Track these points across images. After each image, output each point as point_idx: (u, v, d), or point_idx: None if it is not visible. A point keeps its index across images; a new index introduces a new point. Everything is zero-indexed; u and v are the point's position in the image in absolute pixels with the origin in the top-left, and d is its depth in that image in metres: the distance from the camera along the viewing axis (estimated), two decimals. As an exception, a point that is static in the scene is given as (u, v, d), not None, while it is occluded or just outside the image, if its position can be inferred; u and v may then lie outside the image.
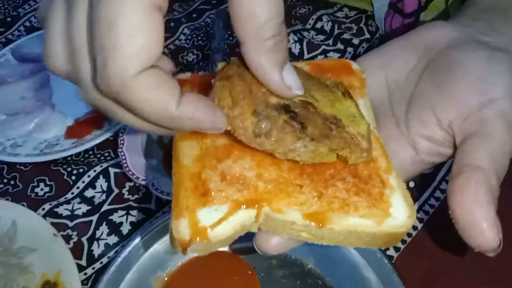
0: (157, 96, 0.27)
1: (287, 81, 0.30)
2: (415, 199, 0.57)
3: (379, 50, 0.41)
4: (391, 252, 0.53)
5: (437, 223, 0.55)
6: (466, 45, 0.38)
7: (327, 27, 0.78)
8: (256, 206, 0.31)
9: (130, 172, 0.54)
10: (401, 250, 0.53)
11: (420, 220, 0.55)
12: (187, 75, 0.39)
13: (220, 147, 0.34)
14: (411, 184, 0.58)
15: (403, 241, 0.54)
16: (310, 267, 0.52)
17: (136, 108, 0.28)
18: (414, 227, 0.55)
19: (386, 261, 0.48)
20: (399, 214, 0.32)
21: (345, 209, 0.31)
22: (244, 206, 0.31)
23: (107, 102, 0.29)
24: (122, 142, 0.57)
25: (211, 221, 0.30)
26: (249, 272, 0.52)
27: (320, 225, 0.31)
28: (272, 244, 0.34)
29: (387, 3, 0.73)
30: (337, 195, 0.32)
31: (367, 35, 0.77)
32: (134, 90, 0.27)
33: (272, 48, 0.29)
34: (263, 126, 0.30)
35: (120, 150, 0.56)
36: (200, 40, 0.78)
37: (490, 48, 0.37)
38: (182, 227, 0.30)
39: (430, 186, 0.58)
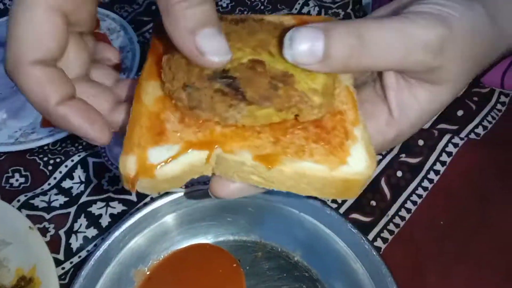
0: (40, 89, 0.30)
1: (202, 47, 0.29)
2: (402, 188, 0.56)
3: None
4: (379, 243, 0.52)
5: (425, 213, 0.55)
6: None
7: (314, 12, 0.76)
8: (208, 147, 0.31)
9: (110, 162, 0.52)
10: (389, 241, 0.52)
11: (407, 210, 0.55)
12: None
13: None
14: (399, 173, 0.57)
15: (391, 232, 0.53)
16: (297, 259, 0.50)
17: (24, 94, 0.31)
18: (402, 217, 0.54)
19: (374, 253, 0.47)
20: (357, 163, 0.30)
21: (299, 154, 0.31)
22: (196, 147, 0.31)
23: None
24: (101, 130, 0.54)
25: (160, 159, 0.30)
26: (234, 265, 0.50)
27: (270, 166, 0.30)
28: (227, 189, 0.33)
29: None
30: (295, 141, 0.31)
31: (354, 21, 0.75)
32: (22, 78, 0.30)
33: (180, 14, 0.29)
34: (193, 98, 0.30)
35: (98, 139, 0.54)
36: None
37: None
38: (129, 163, 0.30)
39: (417, 176, 0.57)
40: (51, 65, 0.31)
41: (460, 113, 0.62)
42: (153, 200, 0.53)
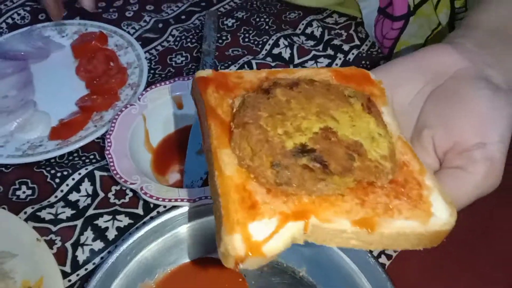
0: None
1: None
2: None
3: (385, 68, 0.42)
4: (383, 260, 0.53)
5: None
6: (472, 80, 0.39)
7: (317, 33, 0.78)
8: (304, 217, 0.31)
9: (118, 176, 0.52)
10: (393, 257, 0.53)
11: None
12: (207, 72, 0.38)
13: None
14: (402, 191, 0.58)
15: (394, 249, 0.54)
16: (302, 274, 0.51)
17: None
18: (405, 235, 0.55)
19: (380, 269, 0.47)
20: (441, 212, 0.33)
21: (390, 213, 0.32)
22: (293, 218, 0.31)
23: None
24: (109, 144, 0.55)
25: (263, 235, 0.30)
26: (240, 279, 0.50)
27: (370, 230, 0.31)
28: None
29: (375, 9, 0.73)
30: (379, 201, 0.32)
31: (357, 42, 0.77)
32: None
33: None
34: (282, 176, 0.31)
35: (107, 152, 0.54)
36: (189, 42, 0.77)
37: (494, 87, 0.39)
38: (237, 243, 0.29)
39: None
40: None
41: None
42: (159, 214, 0.54)
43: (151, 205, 0.56)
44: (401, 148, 0.35)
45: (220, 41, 0.77)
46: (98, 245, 0.54)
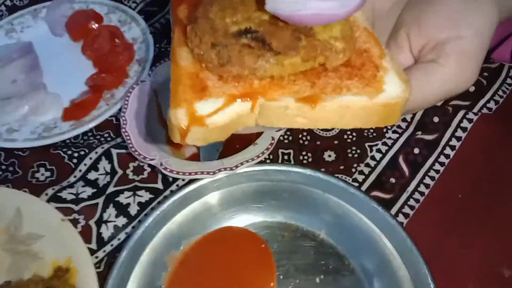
0: None
1: None
2: (420, 165, 0.58)
3: None
4: (401, 218, 0.54)
5: (443, 188, 0.56)
6: None
7: None
8: (251, 97, 0.33)
9: (137, 153, 0.53)
10: (410, 216, 0.54)
11: (426, 186, 0.56)
12: None
13: None
14: (416, 150, 0.59)
15: (411, 207, 0.55)
16: (322, 237, 0.52)
17: None
18: (421, 193, 0.56)
19: (399, 228, 0.48)
20: (393, 88, 0.33)
21: (338, 91, 0.33)
22: (240, 98, 0.33)
23: None
24: (125, 122, 0.55)
25: (208, 110, 0.32)
26: (262, 245, 0.52)
27: (313, 105, 0.33)
28: None
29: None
30: (330, 82, 0.33)
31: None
32: None
33: None
34: (223, 55, 0.32)
35: (123, 130, 0.55)
36: (192, 14, 0.76)
37: None
38: (180, 115, 0.32)
39: (434, 152, 0.58)
40: None
41: (471, 88, 0.64)
42: (179, 187, 0.55)
43: (170, 179, 0.57)
44: (364, 37, 0.36)
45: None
46: (122, 221, 0.55)
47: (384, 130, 0.60)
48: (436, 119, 0.60)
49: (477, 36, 0.36)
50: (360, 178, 0.57)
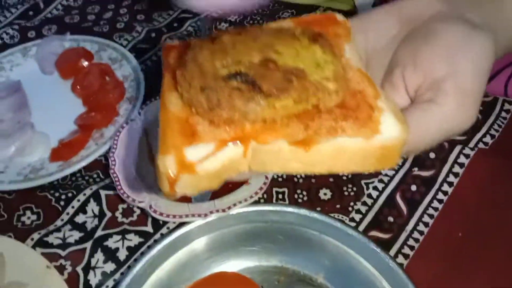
0: None
1: None
2: (418, 202, 0.56)
3: (363, 14, 0.41)
4: (401, 259, 0.52)
5: (442, 226, 0.55)
6: (448, 18, 0.38)
7: (313, 31, 0.76)
8: (243, 141, 0.31)
9: (125, 195, 0.51)
10: (410, 256, 0.52)
11: (425, 224, 0.55)
12: (175, 42, 0.39)
13: None
14: (413, 187, 0.57)
15: (411, 247, 0.53)
16: (320, 281, 0.50)
17: None
18: (420, 232, 0.54)
19: (399, 270, 0.46)
20: (390, 130, 0.32)
21: (332, 133, 0.31)
22: (231, 142, 0.31)
23: None
24: (113, 162, 0.54)
25: (198, 156, 0.31)
26: (258, 291, 0.50)
27: (307, 148, 0.31)
28: None
29: (370, 2, 0.72)
30: (324, 124, 0.32)
31: (354, 37, 0.76)
32: None
33: None
34: (212, 98, 0.31)
35: (112, 171, 0.53)
36: (184, 50, 0.75)
37: (471, 25, 0.37)
38: (168, 162, 0.30)
39: (432, 189, 0.57)
40: None
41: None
42: (170, 230, 0.53)
43: (161, 222, 0.55)
44: (358, 78, 0.34)
45: (215, 46, 0.75)
46: (110, 267, 0.53)
47: (380, 167, 0.59)
48: (432, 155, 0.59)
49: (476, 72, 0.35)
50: (358, 217, 0.55)
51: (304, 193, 0.58)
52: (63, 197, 0.59)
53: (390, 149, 0.32)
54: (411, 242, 0.53)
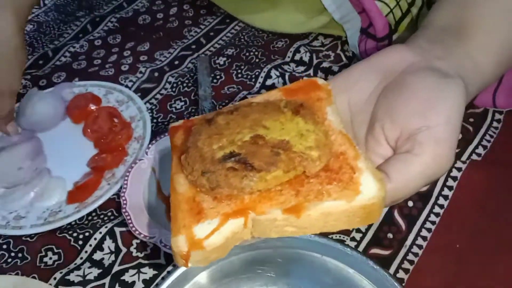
0: None
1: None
2: (415, 217, 0.59)
3: (343, 73, 0.44)
4: (401, 274, 0.54)
5: (440, 239, 0.57)
6: (418, 70, 0.41)
7: (306, 58, 0.80)
8: (243, 214, 0.35)
9: (137, 232, 0.55)
10: (410, 271, 0.55)
11: (423, 238, 0.57)
12: (179, 122, 0.44)
13: None
14: (410, 203, 0.60)
15: (411, 262, 0.55)
16: (325, 302, 0.53)
17: None
18: (419, 246, 0.56)
19: (398, 286, 0.49)
20: (369, 189, 0.35)
21: (320, 197, 0.35)
22: (232, 216, 0.35)
23: None
24: (124, 202, 0.58)
25: (205, 233, 0.35)
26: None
27: (298, 215, 0.35)
28: None
29: (358, 29, 0.76)
30: (313, 188, 0.36)
31: (345, 61, 0.79)
32: None
33: None
34: (212, 180, 0.36)
35: (124, 210, 0.57)
36: (186, 87, 0.80)
37: (440, 75, 0.40)
38: (180, 242, 0.35)
39: (428, 203, 0.59)
40: None
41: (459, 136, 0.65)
42: (174, 268, 0.56)
43: (172, 254, 0.59)
44: (340, 140, 0.38)
45: (215, 80, 0.80)
46: (128, 299, 0.56)
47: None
48: (426, 171, 0.62)
49: (447, 123, 0.37)
50: (358, 236, 0.58)
51: (306, 216, 0.61)
52: (81, 236, 0.62)
53: (371, 207, 0.35)
54: (410, 256, 0.56)
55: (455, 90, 0.39)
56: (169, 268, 0.58)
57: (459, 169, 0.61)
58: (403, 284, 0.50)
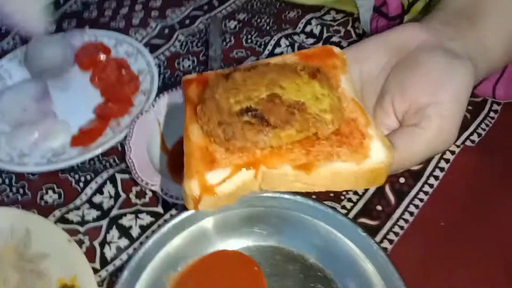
0: None
1: None
2: (405, 194, 0.61)
3: (357, 45, 0.46)
4: (386, 244, 0.57)
5: (427, 216, 0.60)
6: (431, 49, 0.43)
7: (316, 31, 0.81)
8: (254, 166, 0.37)
9: (140, 179, 0.57)
10: (394, 242, 0.58)
11: (411, 213, 0.60)
12: (193, 75, 0.45)
13: None
14: (402, 180, 0.62)
15: (396, 234, 0.58)
16: (312, 261, 0.55)
17: None
18: (406, 220, 0.59)
19: (382, 253, 0.51)
20: (377, 155, 0.38)
21: (329, 158, 0.38)
22: (245, 167, 0.37)
23: None
24: (129, 149, 0.60)
25: (217, 180, 0.37)
26: (255, 268, 0.55)
27: (308, 172, 0.37)
28: None
29: (372, 7, 0.77)
30: (323, 150, 0.38)
31: (355, 37, 0.80)
32: None
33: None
34: (228, 132, 0.37)
35: (128, 157, 0.59)
36: (195, 46, 0.81)
37: (452, 55, 0.42)
38: (193, 186, 0.37)
39: (419, 181, 0.62)
40: None
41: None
42: (177, 212, 0.59)
43: (170, 203, 0.61)
44: (352, 107, 0.40)
45: (224, 43, 0.80)
46: (124, 242, 0.59)
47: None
48: (421, 151, 0.64)
49: (455, 101, 0.40)
50: (349, 205, 0.61)
51: (301, 182, 0.63)
52: (82, 179, 0.64)
53: (378, 171, 0.38)
54: (396, 229, 0.59)
55: (464, 71, 0.41)
56: (166, 216, 0.60)
57: (452, 152, 0.64)
58: (387, 253, 0.53)
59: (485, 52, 0.45)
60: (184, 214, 0.55)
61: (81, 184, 0.64)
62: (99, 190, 0.63)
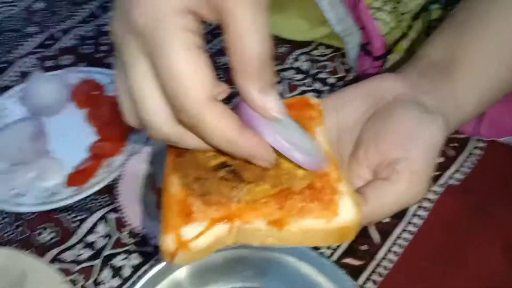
0: (224, 123, 0.33)
1: (268, 105, 0.35)
2: (389, 233, 0.63)
3: (337, 93, 0.48)
4: (370, 285, 0.59)
5: (411, 257, 0.61)
6: (406, 103, 0.45)
7: (304, 67, 0.84)
8: (229, 220, 0.38)
9: (128, 223, 0.59)
10: (378, 283, 0.59)
11: (395, 253, 0.61)
12: None
13: None
14: (387, 219, 0.64)
15: (380, 274, 0.60)
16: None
17: (207, 134, 0.33)
18: (390, 260, 0.61)
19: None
20: (346, 212, 0.39)
21: (301, 214, 0.38)
22: (220, 221, 0.38)
23: (178, 133, 0.36)
24: (119, 193, 0.62)
25: (193, 234, 0.38)
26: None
27: (280, 228, 0.38)
28: None
29: (357, 44, 0.79)
30: (296, 204, 0.39)
31: (343, 73, 0.83)
32: (208, 118, 0.32)
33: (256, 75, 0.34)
34: (204, 187, 0.38)
35: (116, 200, 0.61)
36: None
37: (423, 110, 0.44)
38: (168, 241, 0.37)
39: (401, 221, 0.64)
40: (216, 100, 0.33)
41: (440, 159, 0.69)
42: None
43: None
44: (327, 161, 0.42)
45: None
46: (116, 282, 0.61)
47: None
48: (404, 190, 0.66)
49: (424, 157, 0.41)
50: (334, 245, 0.62)
51: (289, 221, 0.65)
52: (76, 218, 0.67)
53: (347, 229, 0.39)
54: (380, 269, 0.60)
55: (436, 126, 0.43)
56: (157, 256, 0.62)
57: (435, 193, 0.65)
58: (369, 295, 0.55)
59: (457, 107, 0.47)
60: (158, 267, 0.57)
61: (76, 224, 0.66)
62: (93, 230, 0.65)
